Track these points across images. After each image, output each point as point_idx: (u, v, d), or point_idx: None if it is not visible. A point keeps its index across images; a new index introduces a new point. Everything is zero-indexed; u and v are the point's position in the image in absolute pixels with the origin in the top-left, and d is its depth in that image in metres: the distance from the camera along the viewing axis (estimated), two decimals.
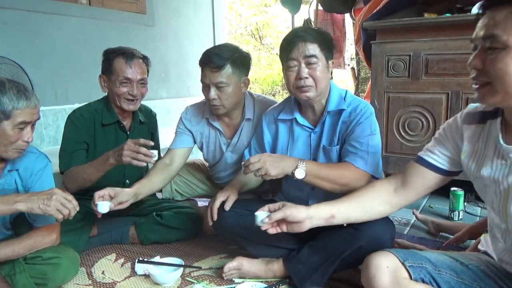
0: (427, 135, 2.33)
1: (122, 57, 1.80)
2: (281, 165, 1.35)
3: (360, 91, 4.03)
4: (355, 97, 1.59)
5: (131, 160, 1.57)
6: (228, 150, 1.96)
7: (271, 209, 1.22)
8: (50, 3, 3.03)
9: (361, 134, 1.46)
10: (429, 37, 2.26)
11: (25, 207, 1.26)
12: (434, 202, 2.40)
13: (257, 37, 9.81)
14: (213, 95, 1.74)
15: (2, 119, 1.30)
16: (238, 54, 1.76)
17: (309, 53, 1.44)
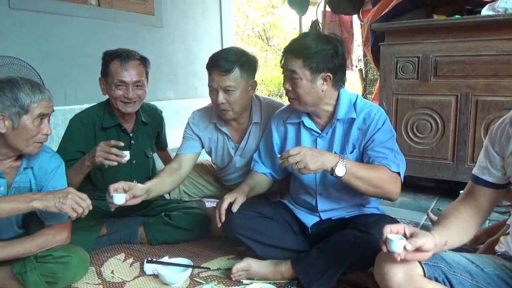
0: (436, 137, 2.32)
1: (117, 60, 1.79)
2: (321, 159, 1.31)
3: (368, 92, 4.02)
4: (366, 101, 1.58)
5: (103, 160, 1.61)
6: (236, 155, 1.96)
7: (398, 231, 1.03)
8: (59, 4, 3.05)
9: (384, 140, 1.46)
10: (438, 38, 2.26)
11: (42, 205, 1.30)
12: (443, 205, 2.39)
13: (264, 38, 9.81)
14: (222, 99, 1.73)
15: (21, 114, 1.35)
16: (245, 57, 1.76)
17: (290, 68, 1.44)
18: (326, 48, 1.42)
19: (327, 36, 1.49)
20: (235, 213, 1.51)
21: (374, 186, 1.38)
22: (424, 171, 2.40)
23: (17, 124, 1.35)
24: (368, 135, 1.48)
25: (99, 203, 1.92)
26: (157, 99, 3.47)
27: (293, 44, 1.46)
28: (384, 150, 1.45)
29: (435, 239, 1.01)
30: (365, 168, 1.39)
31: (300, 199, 1.66)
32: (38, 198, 1.30)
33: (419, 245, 0.97)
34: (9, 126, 1.35)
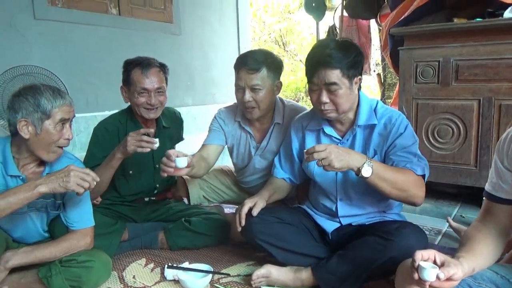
0: (457, 143, 2.28)
1: (138, 68, 1.82)
2: (347, 159, 1.31)
3: (387, 97, 3.98)
4: (386, 107, 1.57)
5: (136, 148, 1.64)
6: (257, 154, 2.00)
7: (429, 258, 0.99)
8: (82, 13, 3.14)
9: (406, 145, 1.45)
10: (459, 42, 2.22)
11: (47, 188, 1.30)
12: (466, 211, 2.34)
13: (280, 43, 9.83)
14: (248, 98, 1.79)
15: (43, 119, 1.38)
16: (272, 59, 1.84)
17: (329, 81, 1.42)
18: (353, 53, 1.44)
19: (346, 41, 1.51)
20: (255, 218, 1.52)
21: (399, 189, 1.36)
22: (445, 177, 2.35)
23: (40, 130, 1.37)
24: (390, 141, 1.48)
25: (122, 208, 1.96)
26: (175, 106, 3.49)
27: (321, 56, 1.43)
28: (407, 155, 1.43)
29: (464, 268, 0.99)
30: (391, 170, 1.37)
31: (320, 204, 1.65)
32: (42, 182, 1.31)
33: (452, 274, 0.96)
34: (32, 132, 1.37)
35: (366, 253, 1.36)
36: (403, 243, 1.29)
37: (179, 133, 2.17)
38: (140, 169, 1.96)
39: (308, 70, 1.49)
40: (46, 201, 1.53)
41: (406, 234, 1.30)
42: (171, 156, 1.53)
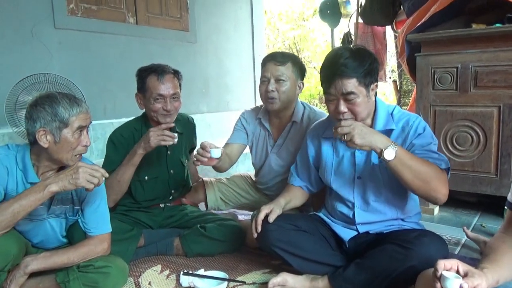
0: (477, 150, 2.24)
1: (153, 75, 1.84)
2: (371, 138, 1.31)
3: (403, 104, 3.94)
4: (403, 111, 1.56)
5: (159, 141, 1.72)
6: (273, 152, 2.08)
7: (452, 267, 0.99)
8: (100, 22, 3.20)
9: (425, 143, 1.43)
10: (478, 48, 2.19)
11: (57, 187, 1.31)
12: (486, 221, 2.28)
13: (294, 51, 9.84)
14: (272, 87, 1.91)
15: (62, 128, 1.39)
16: (298, 59, 2.03)
17: (346, 91, 1.41)
18: (368, 61, 1.43)
19: (360, 48, 1.50)
20: (271, 225, 1.51)
21: (421, 180, 1.33)
22: (465, 185, 2.30)
23: (58, 138, 1.39)
24: (408, 142, 1.46)
25: (138, 214, 1.98)
26: (190, 112, 3.53)
27: (337, 66, 1.41)
28: (427, 152, 1.42)
29: (488, 279, 0.97)
30: (415, 159, 1.35)
31: (337, 211, 1.63)
32: (52, 182, 1.31)
33: (475, 285, 0.94)
34: (51, 141, 1.39)
35: (385, 262, 1.33)
36: (423, 252, 1.26)
37: (192, 138, 2.18)
38: (155, 175, 1.98)
39: (324, 81, 1.48)
40: (65, 207, 1.55)
41: (426, 242, 1.28)
42: (207, 147, 1.70)
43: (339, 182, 1.61)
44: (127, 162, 1.80)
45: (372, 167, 1.52)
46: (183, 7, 3.87)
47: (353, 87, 1.41)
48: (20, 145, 1.49)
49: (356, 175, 1.57)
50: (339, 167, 1.61)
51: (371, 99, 1.48)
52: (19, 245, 1.41)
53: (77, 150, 1.44)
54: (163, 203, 2.05)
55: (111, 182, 1.79)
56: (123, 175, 1.80)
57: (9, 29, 2.71)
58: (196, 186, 2.32)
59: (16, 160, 1.44)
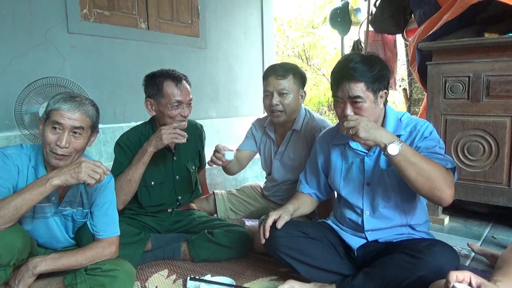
0: (489, 160, 2.21)
1: (171, 81, 1.85)
2: (375, 133, 1.31)
3: (412, 112, 3.91)
4: (412, 117, 1.56)
5: (172, 139, 1.76)
6: (276, 159, 2.15)
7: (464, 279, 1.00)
8: (112, 27, 3.24)
9: (431, 146, 1.43)
10: (490, 57, 2.17)
11: (59, 180, 1.31)
12: (498, 232, 2.25)
13: (304, 58, 9.86)
14: (276, 101, 1.96)
15: (46, 120, 1.41)
16: (298, 69, 2.05)
17: (353, 94, 1.42)
18: (379, 67, 1.43)
19: (371, 54, 1.50)
20: (279, 231, 1.50)
21: (425, 177, 1.31)
22: (476, 196, 2.27)
23: (43, 130, 1.41)
24: (414, 145, 1.45)
25: (145, 218, 1.98)
26: (200, 118, 3.56)
27: (346, 69, 1.43)
28: (433, 154, 1.40)
29: None
30: (420, 156, 1.34)
31: (346, 218, 1.62)
32: (54, 175, 1.32)
33: None
34: (40, 131, 1.42)
35: (394, 271, 1.31)
36: (434, 262, 1.24)
37: (198, 145, 2.17)
38: (161, 181, 1.98)
39: (332, 84, 1.50)
40: (73, 210, 1.56)
41: (437, 252, 1.26)
42: (221, 149, 1.83)
43: (349, 189, 1.60)
44: (137, 161, 1.81)
45: (381, 172, 1.52)
46: (194, 13, 3.90)
47: (360, 91, 1.41)
48: (37, 144, 1.51)
49: (366, 182, 1.56)
50: (348, 173, 1.60)
51: (379, 106, 1.48)
52: (24, 239, 1.41)
53: (51, 147, 1.40)
54: (171, 208, 2.05)
55: (121, 183, 1.80)
56: (133, 174, 1.81)
57: (23, 33, 2.75)
58: (207, 198, 2.37)
59: (29, 159, 1.46)
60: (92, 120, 1.48)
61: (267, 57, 4.78)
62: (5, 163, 1.42)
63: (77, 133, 1.43)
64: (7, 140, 2.63)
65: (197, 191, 2.16)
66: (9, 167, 1.42)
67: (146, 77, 1.92)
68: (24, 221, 1.50)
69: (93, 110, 1.48)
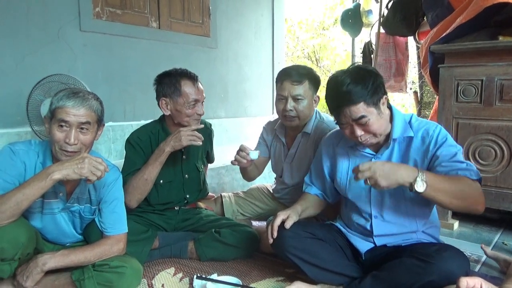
0: (501, 165, 2.17)
1: (188, 80, 1.86)
2: (396, 176, 1.23)
3: (423, 115, 3.87)
4: (421, 119, 1.53)
5: (190, 141, 1.77)
6: (286, 162, 2.12)
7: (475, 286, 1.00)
8: (124, 26, 3.26)
9: (450, 153, 1.39)
10: (504, 61, 2.14)
11: (60, 175, 1.31)
12: (508, 239, 2.21)
13: (313, 59, 9.83)
14: (290, 107, 1.92)
15: (51, 118, 1.42)
16: (313, 73, 2.00)
17: (356, 117, 1.39)
18: (371, 80, 1.39)
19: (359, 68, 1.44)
20: (287, 231, 1.49)
21: (458, 198, 1.28)
22: (487, 201, 2.17)
23: (49, 128, 1.42)
24: (431, 153, 1.42)
25: (153, 216, 1.99)
26: (208, 117, 3.54)
27: (340, 95, 1.39)
28: (455, 163, 1.37)
29: None
30: (446, 180, 1.29)
31: (354, 223, 1.61)
32: (55, 170, 1.31)
33: None
34: (47, 129, 1.43)
35: (403, 275, 1.30)
36: (444, 267, 1.22)
37: (207, 144, 2.18)
38: (170, 179, 1.99)
39: (332, 111, 1.48)
40: (80, 207, 1.56)
41: (447, 257, 1.24)
42: (246, 149, 1.88)
43: (355, 192, 1.58)
44: (154, 161, 1.82)
45: None
46: (205, 13, 3.91)
47: (362, 111, 1.38)
48: (46, 140, 1.52)
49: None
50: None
51: (384, 112, 1.45)
52: (29, 234, 1.42)
53: (59, 144, 1.41)
54: (178, 206, 2.05)
55: (137, 182, 1.82)
56: (150, 174, 1.82)
57: (36, 30, 2.78)
58: (214, 200, 2.36)
59: (37, 155, 1.47)
60: (97, 114, 1.48)
61: (277, 58, 4.77)
62: (12, 159, 1.44)
63: (84, 129, 1.43)
64: (19, 136, 2.65)
65: (204, 190, 2.16)
66: (16, 163, 1.44)
67: (160, 76, 1.92)
68: (33, 216, 1.51)
69: (97, 104, 1.48)
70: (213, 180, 2.91)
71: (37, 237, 1.50)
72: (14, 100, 2.65)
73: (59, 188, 1.49)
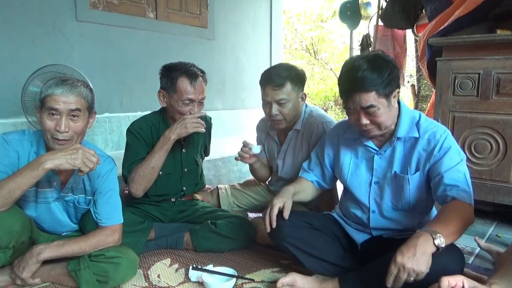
0: (496, 159, 2.18)
1: (186, 77, 1.81)
2: (424, 257, 1.14)
3: (420, 109, 3.88)
4: (431, 121, 1.50)
5: (196, 128, 1.79)
6: (279, 158, 2.12)
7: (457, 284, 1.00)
8: (121, 16, 3.23)
9: (453, 164, 1.38)
10: (501, 55, 2.13)
11: (52, 164, 1.30)
12: (502, 231, 2.23)
13: (311, 52, 9.80)
14: (275, 111, 1.89)
15: (41, 107, 1.41)
16: (295, 72, 1.91)
17: (365, 105, 1.37)
18: (389, 70, 1.36)
19: (378, 57, 1.41)
20: (285, 221, 1.48)
21: (463, 229, 1.29)
22: (481, 194, 2.25)
23: (40, 118, 1.41)
24: (434, 158, 1.41)
25: (149, 207, 1.99)
26: (205, 109, 3.53)
27: (354, 80, 1.36)
28: (456, 180, 1.36)
29: None
30: (450, 221, 1.26)
31: (351, 213, 1.61)
32: (48, 159, 1.31)
33: None
34: (39, 119, 1.42)
35: None
36: (438, 261, 1.22)
37: (206, 137, 2.18)
38: (169, 171, 1.99)
39: (342, 95, 1.44)
40: (75, 197, 1.56)
41: (442, 252, 1.25)
42: (248, 144, 1.92)
43: (355, 184, 1.59)
44: (159, 149, 1.82)
45: (395, 175, 1.49)
46: (203, 4, 3.88)
47: (372, 100, 1.36)
48: (39, 130, 1.52)
49: (373, 180, 1.54)
50: (357, 169, 1.59)
51: (394, 106, 1.43)
52: (22, 222, 1.42)
53: (51, 133, 1.41)
54: (174, 198, 2.06)
55: (143, 170, 1.82)
56: (157, 162, 1.83)
57: (32, 21, 2.75)
58: (211, 192, 2.36)
59: (31, 144, 1.47)
60: (87, 101, 1.46)
61: (275, 49, 4.76)
62: (5, 149, 1.44)
63: (75, 116, 1.42)
64: (14, 126, 2.65)
65: (201, 183, 2.17)
66: (9, 153, 1.44)
67: (163, 68, 1.91)
68: (28, 206, 1.52)
69: (86, 91, 1.46)
70: (209, 172, 2.92)
71: (31, 226, 1.50)
72: (9, 91, 2.64)
73: (53, 177, 1.49)
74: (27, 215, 1.51)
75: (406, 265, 1.13)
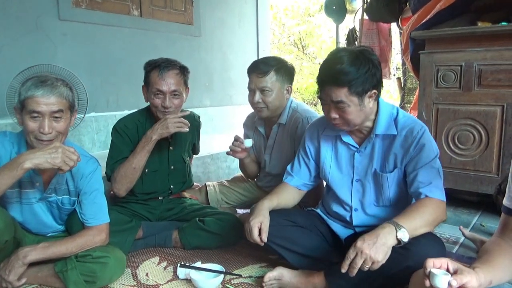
0: (479, 149, 2.22)
1: (156, 69, 1.83)
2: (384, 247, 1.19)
3: (406, 101, 3.92)
4: (408, 116, 1.51)
5: (177, 128, 1.78)
6: (266, 153, 2.15)
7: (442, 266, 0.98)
8: (105, 15, 3.20)
9: (427, 160, 1.40)
10: (482, 46, 2.17)
11: (31, 164, 1.28)
12: (486, 220, 2.27)
13: (300, 46, 9.81)
14: (258, 99, 1.94)
15: (22, 109, 1.39)
16: (282, 64, 1.97)
17: (335, 99, 1.37)
18: (366, 68, 1.36)
19: (360, 52, 1.40)
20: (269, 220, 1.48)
21: (431, 225, 1.34)
22: (465, 184, 2.29)
23: (22, 119, 1.40)
24: (410, 154, 1.43)
25: (137, 206, 1.99)
26: (193, 106, 3.54)
27: (330, 73, 1.36)
28: (430, 173, 1.39)
29: (480, 278, 0.95)
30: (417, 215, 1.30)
31: (334, 212, 1.63)
32: (26, 158, 1.29)
33: (464, 282, 0.92)
34: (19, 121, 1.41)
35: None
36: (420, 252, 1.24)
37: (195, 136, 2.17)
38: (155, 169, 1.98)
39: (317, 83, 1.45)
40: (58, 197, 1.55)
41: (423, 243, 1.27)
42: (240, 138, 1.96)
43: (337, 182, 1.59)
44: (141, 149, 1.81)
45: (375, 173, 1.51)
46: (188, 1, 3.86)
47: (343, 96, 1.36)
48: (20, 131, 1.50)
49: (355, 178, 1.55)
50: (338, 166, 1.59)
51: (366, 106, 1.41)
52: (4, 220, 1.40)
53: (34, 134, 1.39)
54: (162, 196, 2.06)
55: (125, 170, 1.82)
56: (138, 162, 1.82)
57: (14, 20, 2.71)
58: (199, 189, 2.37)
59: (12, 145, 1.45)
60: (68, 100, 1.45)
61: (262, 45, 4.75)
62: None
63: (57, 118, 1.41)
64: None
65: (189, 181, 2.17)
66: None
67: (145, 64, 1.91)
68: (12, 207, 1.51)
69: (67, 90, 1.45)
70: (198, 169, 2.92)
71: (14, 225, 1.49)
72: None
73: (35, 177, 1.48)
74: (9, 214, 1.49)
75: (364, 251, 1.17)
